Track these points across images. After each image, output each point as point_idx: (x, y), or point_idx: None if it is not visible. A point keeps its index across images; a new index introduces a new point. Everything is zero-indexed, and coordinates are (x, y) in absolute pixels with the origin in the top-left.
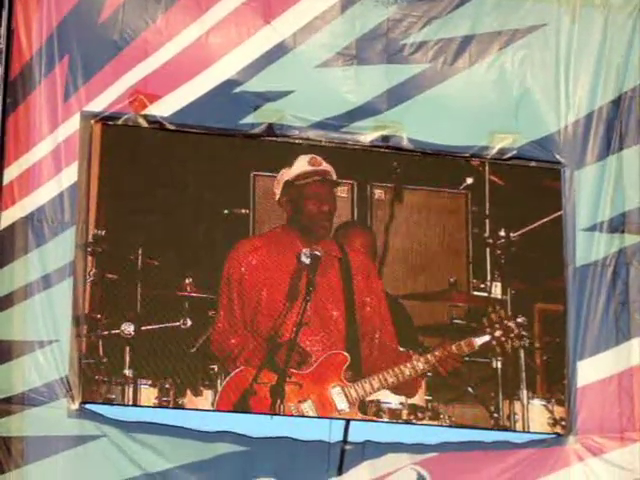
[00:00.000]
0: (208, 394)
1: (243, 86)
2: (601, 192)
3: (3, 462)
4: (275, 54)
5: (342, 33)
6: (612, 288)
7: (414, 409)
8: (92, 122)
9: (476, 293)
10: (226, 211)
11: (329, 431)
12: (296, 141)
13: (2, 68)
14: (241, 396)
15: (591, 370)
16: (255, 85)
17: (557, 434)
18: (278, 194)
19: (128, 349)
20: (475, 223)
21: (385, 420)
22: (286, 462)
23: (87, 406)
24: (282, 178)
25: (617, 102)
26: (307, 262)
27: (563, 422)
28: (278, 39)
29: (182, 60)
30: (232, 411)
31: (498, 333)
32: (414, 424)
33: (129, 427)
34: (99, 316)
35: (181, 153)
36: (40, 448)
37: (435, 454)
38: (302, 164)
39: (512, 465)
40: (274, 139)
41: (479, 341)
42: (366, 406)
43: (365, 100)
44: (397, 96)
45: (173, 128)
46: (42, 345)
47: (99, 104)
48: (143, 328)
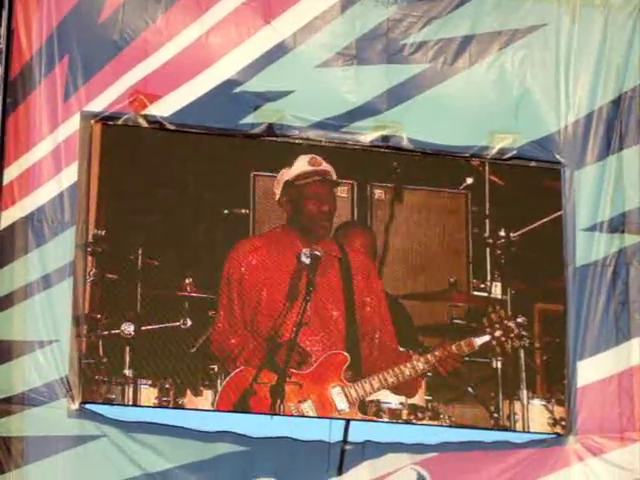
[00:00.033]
0: (208, 394)
1: (243, 86)
2: (601, 192)
3: (3, 462)
4: (275, 54)
5: (342, 33)
6: (612, 288)
7: (414, 409)
8: (92, 122)
9: (476, 293)
10: (226, 211)
11: (329, 431)
12: (296, 141)
13: (2, 68)
14: (241, 396)
15: (591, 370)
16: (255, 85)
17: (557, 434)
18: (278, 194)
19: (128, 349)
20: (475, 223)
21: (385, 420)
22: (286, 462)
23: (87, 406)
24: (282, 178)
25: (617, 102)
26: (307, 262)
27: (563, 422)
28: (278, 39)
29: (182, 60)
30: (232, 411)
31: (498, 333)
32: (414, 424)
33: (129, 427)
34: (99, 316)
35: (181, 153)
36: (40, 448)
37: (435, 454)
38: (302, 164)
39: (512, 465)
40: (274, 139)
41: (479, 341)
42: (366, 406)
43: (365, 100)
44: (397, 96)
45: (173, 128)
46: (42, 345)
47: (99, 104)
48: (143, 328)
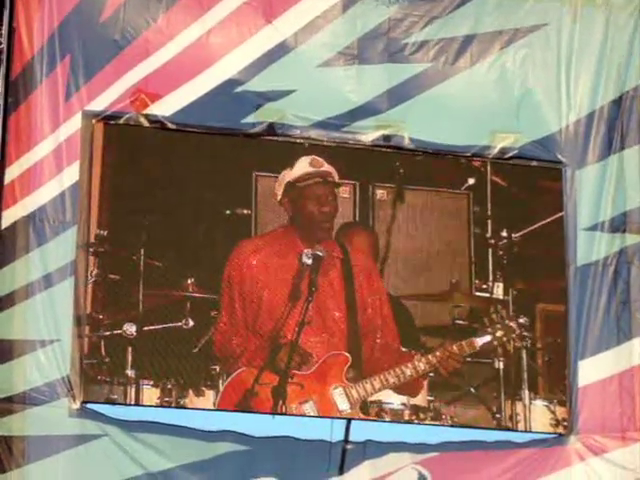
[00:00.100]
0: (210, 394)
1: (244, 86)
2: (602, 192)
3: (4, 461)
4: (276, 53)
5: (343, 32)
6: (613, 288)
7: (416, 409)
8: (93, 121)
9: (478, 294)
10: (228, 211)
11: (330, 430)
12: (297, 141)
13: (3, 67)
14: (242, 397)
15: (592, 370)
16: (256, 85)
17: (558, 434)
18: (279, 195)
19: (130, 349)
20: (477, 223)
21: (387, 420)
22: (287, 461)
23: (88, 405)
24: (283, 179)
25: (618, 102)
26: (309, 262)
27: (565, 422)
28: (279, 38)
29: (183, 59)
30: (234, 410)
31: (499, 333)
32: (416, 424)
33: (130, 426)
34: (101, 316)
35: (183, 152)
36: (41, 447)
37: (436, 454)
38: (303, 165)
39: (513, 465)
40: (275, 139)
41: (480, 341)
42: (368, 406)
43: (366, 99)
44: (398, 95)
45: (174, 127)
46: (43, 344)
47: (100, 103)
48: (145, 328)
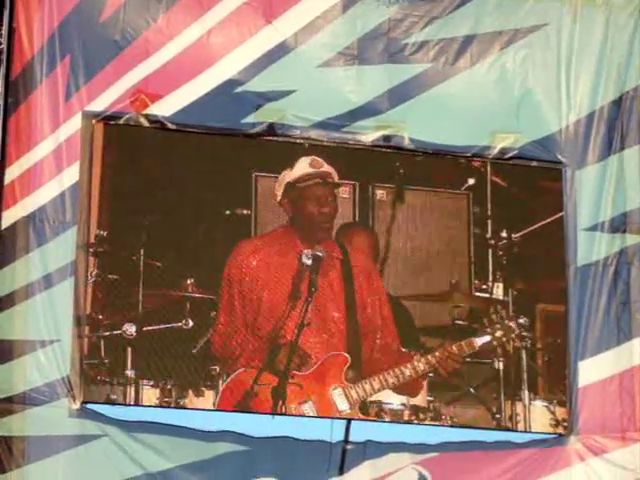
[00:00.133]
0: (210, 395)
1: (244, 86)
2: (602, 192)
3: (4, 462)
4: (276, 54)
5: (343, 33)
6: (613, 288)
7: (416, 410)
8: (93, 122)
9: (478, 294)
10: (227, 211)
11: (330, 431)
12: (297, 141)
13: (3, 68)
14: (242, 397)
15: (592, 370)
16: (256, 85)
17: (558, 434)
18: (279, 195)
19: (130, 350)
20: (477, 224)
21: (386, 420)
22: (287, 462)
23: (88, 406)
24: (283, 179)
25: (618, 102)
26: (309, 263)
27: (565, 422)
28: (279, 39)
29: (183, 60)
30: (233, 411)
31: (499, 333)
32: (416, 424)
33: (130, 427)
34: (101, 317)
35: (183, 153)
36: (41, 448)
37: (436, 454)
38: (303, 166)
39: (513, 465)
40: (275, 139)
41: (480, 341)
42: (368, 407)
43: (366, 100)
44: (398, 96)
45: (174, 128)
46: (43, 344)
47: (100, 104)
48: (145, 329)
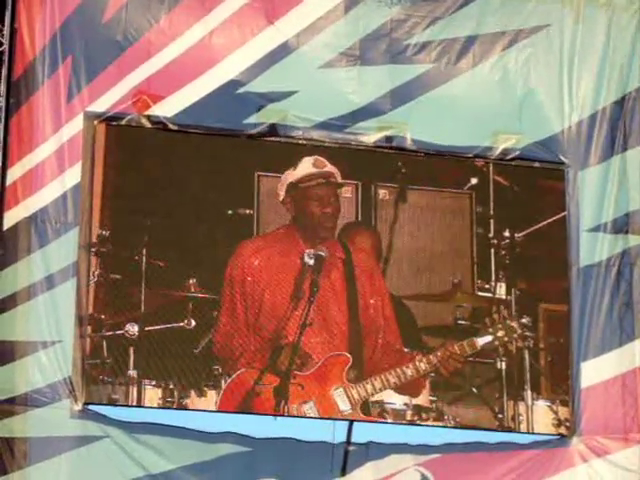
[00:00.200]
0: (212, 395)
1: (246, 86)
2: (605, 193)
3: (6, 463)
4: (278, 54)
5: (345, 33)
6: (616, 289)
7: (418, 410)
8: (95, 122)
9: (480, 294)
10: (230, 211)
11: (332, 432)
12: (300, 141)
13: (5, 68)
14: (244, 398)
15: (595, 371)
16: (258, 85)
17: (561, 435)
18: (282, 195)
19: (132, 349)
20: (479, 223)
21: (389, 421)
22: (289, 463)
23: (90, 407)
24: (286, 179)
25: (621, 102)
26: (311, 263)
27: (567, 423)
28: (281, 39)
29: (185, 60)
30: (235, 412)
31: (501, 333)
32: (418, 425)
33: (132, 428)
34: (103, 317)
35: (184, 153)
36: (43, 449)
37: (439, 455)
38: (306, 166)
39: (516, 466)
40: (277, 139)
41: (481, 341)
42: (370, 407)
43: (368, 101)
44: (401, 96)
45: (176, 128)
46: (45, 346)
47: (102, 104)
48: (147, 328)
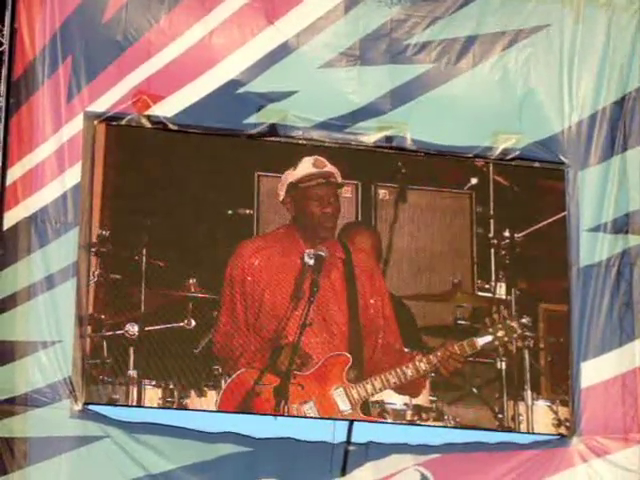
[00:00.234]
0: (212, 395)
1: (246, 86)
2: (605, 193)
3: (6, 463)
4: (278, 54)
5: (345, 33)
6: (616, 289)
7: (418, 410)
8: (95, 122)
9: (480, 294)
10: (230, 211)
11: (332, 432)
12: (300, 141)
13: (5, 68)
14: (244, 398)
15: (595, 371)
16: (258, 85)
17: (561, 435)
18: (282, 195)
19: (132, 349)
20: (479, 223)
21: (389, 421)
22: (289, 463)
23: (90, 407)
24: (286, 179)
25: (621, 103)
26: (311, 263)
27: (567, 423)
28: (281, 39)
29: (185, 60)
30: (235, 412)
31: (500, 333)
32: (418, 425)
33: (132, 428)
34: (103, 317)
35: (184, 153)
36: (43, 449)
37: (439, 455)
38: (306, 166)
39: (516, 466)
40: (277, 139)
41: (481, 341)
42: (370, 407)
43: (368, 101)
44: (401, 96)
45: (176, 129)
46: (45, 346)
47: (102, 104)
48: (147, 328)
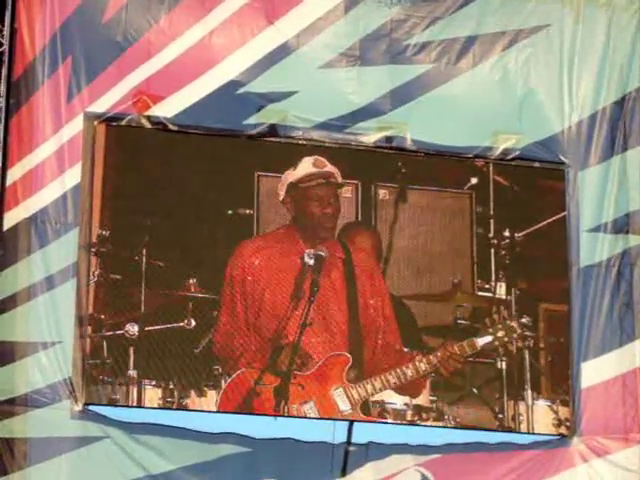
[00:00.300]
0: (212, 395)
1: (246, 87)
2: (605, 193)
3: (6, 464)
4: (278, 55)
5: (345, 34)
6: (616, 289)
7: (418, 410)
8: (95, 123)
9: (481, 293)
10: (230, 211)
11: (333, 432)
12: (300, 141)
13: (5, 69)
14: (244, 398)
15: (595, 371)
16: (258, 86)
17: (561, 435)
18: (282, 195)
19: (132, 350)
20: (479, 223)
21: (389, 421)
22: (289, 463)
23: (90, 407)
24: (286, 179)
25: (621, 103)
26: (311, 263)
27: (567, 423)
28: (281, 40)
29: (185, 61)
30: (235, 412)
31: (500, 333)
32: (418, 425)
33: (132, 428)
34: (103, 317)
35: (184, 154)
36: (43, 450)
37: (439, 455)
38: (306, 166)
39: (516, 466)
40: (278, 140)
41: (481, 341)
42: (370, 407)
43: (368, 101)
44: (400, 97)
45: (176, 129)
46: (45, 346)
47: (102, 105)
48: (147, 328)
